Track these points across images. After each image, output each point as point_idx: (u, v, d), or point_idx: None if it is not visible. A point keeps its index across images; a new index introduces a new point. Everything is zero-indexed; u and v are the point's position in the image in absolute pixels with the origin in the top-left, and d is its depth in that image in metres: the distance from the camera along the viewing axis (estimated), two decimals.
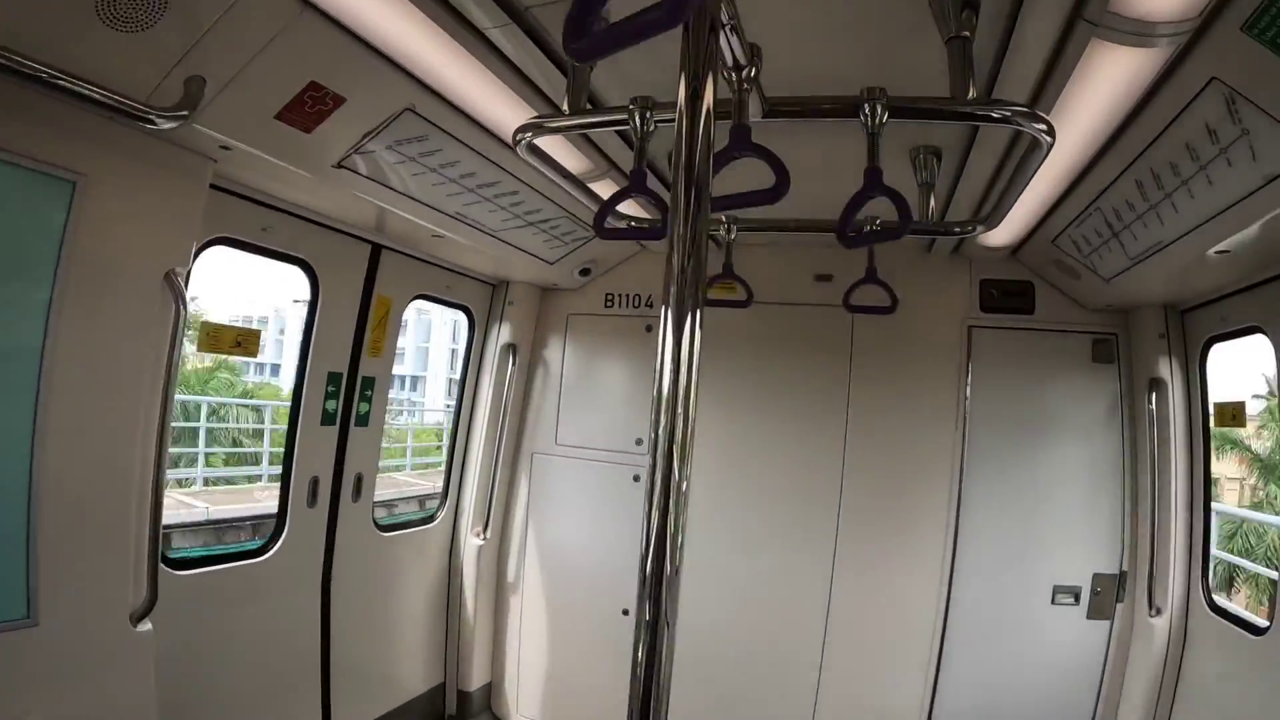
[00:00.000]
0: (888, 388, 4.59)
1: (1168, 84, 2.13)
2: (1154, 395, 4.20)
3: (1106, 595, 4.32)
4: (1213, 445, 4.35)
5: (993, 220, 3.10)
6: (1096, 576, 4.31)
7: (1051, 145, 1.94)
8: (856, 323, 4.53)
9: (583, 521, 4.85)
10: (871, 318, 4.12)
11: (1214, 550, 4.42)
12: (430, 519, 4.93)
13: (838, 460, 4.57)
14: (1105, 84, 2.08)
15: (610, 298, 4.90)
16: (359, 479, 3.92)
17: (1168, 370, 4.31)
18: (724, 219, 3.49)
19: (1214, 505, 4.44)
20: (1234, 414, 4.26)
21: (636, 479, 4.65)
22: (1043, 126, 1.86)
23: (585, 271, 4.83)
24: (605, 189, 2.96)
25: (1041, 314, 4.56)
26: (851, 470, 4.56)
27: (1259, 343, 3.57)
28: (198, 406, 15.49)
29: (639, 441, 4.62)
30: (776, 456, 4.63)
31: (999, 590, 4.38)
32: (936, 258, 4.57)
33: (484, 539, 4.87)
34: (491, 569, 4.97)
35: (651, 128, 1.93)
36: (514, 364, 4.85)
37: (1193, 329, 4.19)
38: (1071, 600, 4.37)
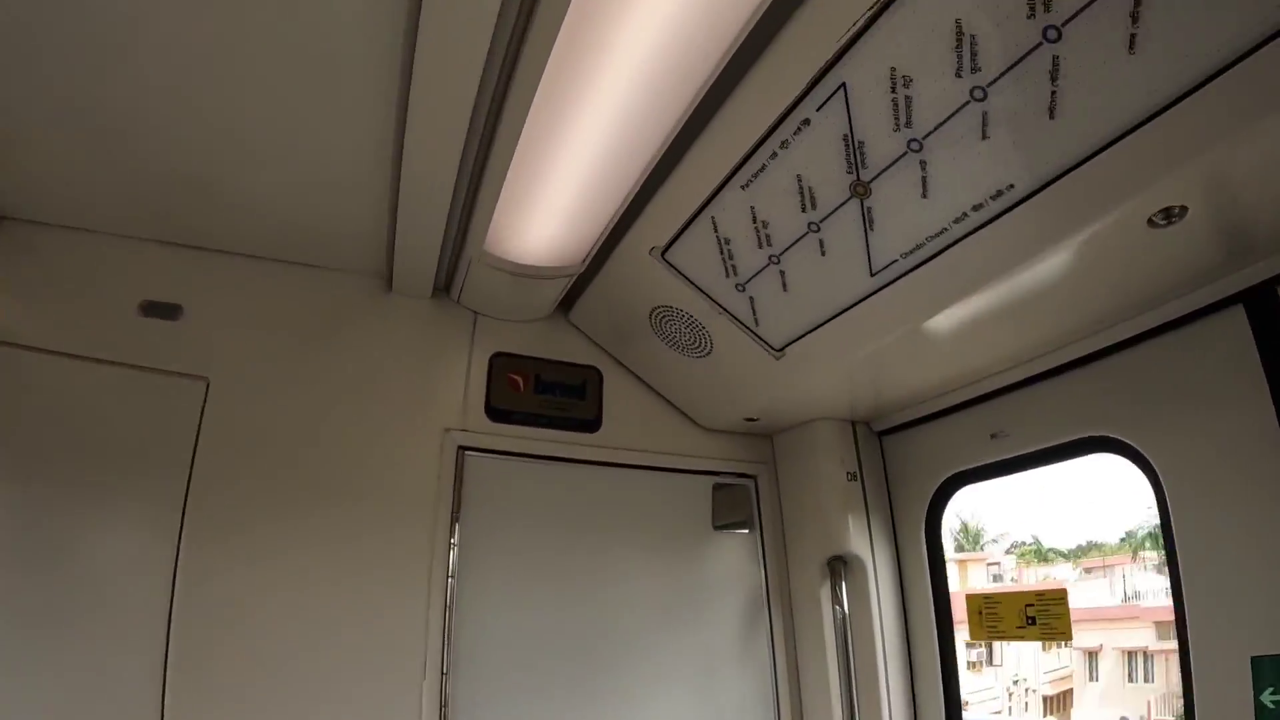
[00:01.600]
0: (263, 568, 2.03)
1: None
2: (840, 585, 2.45)
3: None
4: None
5: None
6: None
7: None
8: (210, 431, 2.05)
9: None
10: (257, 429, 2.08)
11: None
12: None
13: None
14: None
15: None
16: None
17: (865, 540, 2.47)
18: None
19: None
20: (1045, 600, 1.99)
21: None
22: None
23: None
24: None
25: (611, 432, 2.54)
26: None
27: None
28: None
29: None
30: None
31: None
32: (402, 300, 2.41)
33: None
34: None
35: None
36: None
37: (913, 459, 2.52)
38: None
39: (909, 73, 1.35)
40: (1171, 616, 1.68)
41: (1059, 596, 2.04)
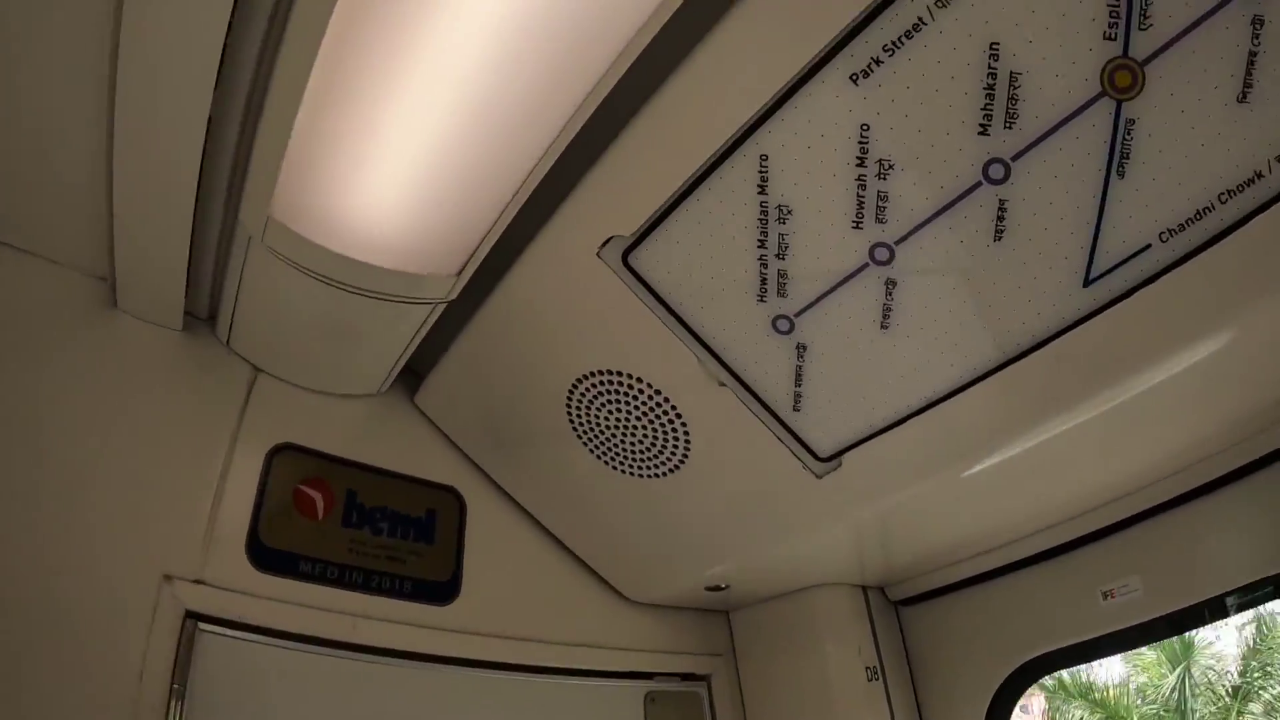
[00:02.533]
0: None
1: None
2: None
3: None
4: None
5: None
6: None
7: None
8: None
9: None
10: None
11: None
12: None
13: None
14: None
15: None
16: None
17: None
18: None
19: None
20: None
21: None
22: None
23: None
24: None
25: (475, 605, 1.47)
26: None
27: None
28: None
29: None
30: None
31: None
32: (131, 326, 1.31)
33: None
34: None
35: None
36: None
37: (957, 643, 1.60)
38: None
39: None
40: None
41: None
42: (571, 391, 1.18)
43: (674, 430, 1.17)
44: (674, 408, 1.14)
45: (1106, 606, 1.39)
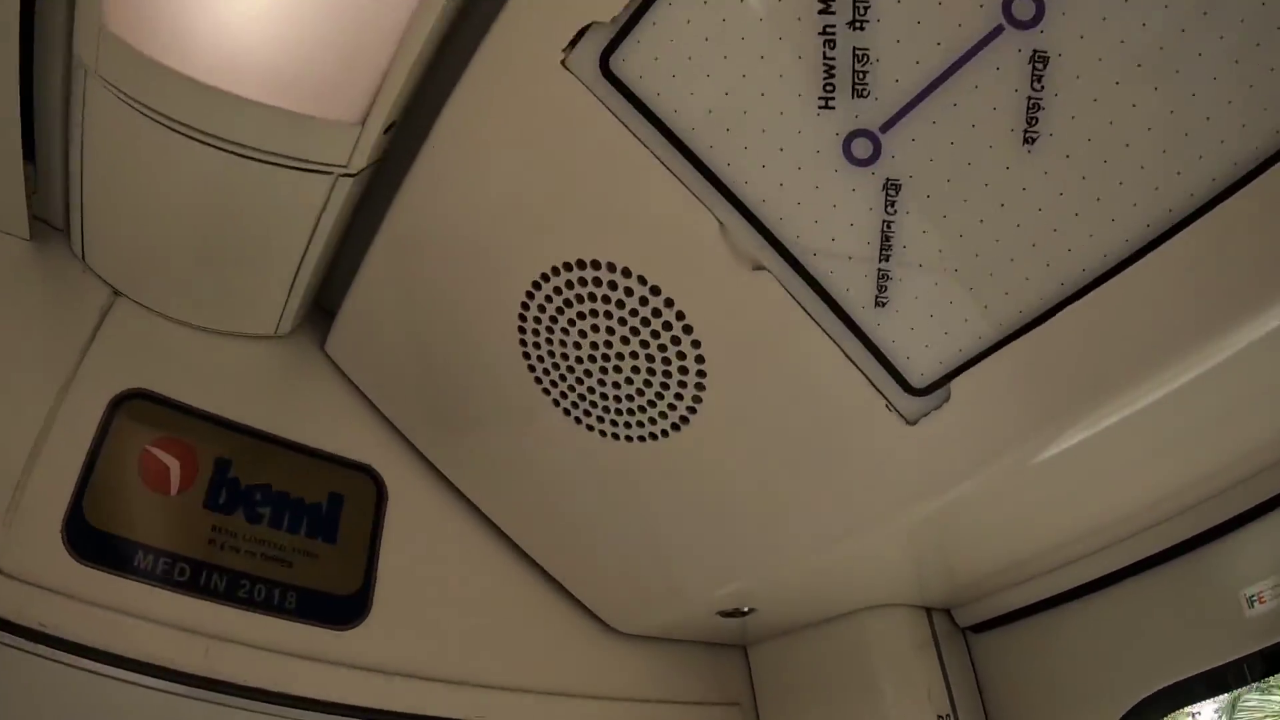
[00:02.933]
0: None
1: None
2: None
3: None
4: None
5: None
6: None
7: None
8: None
9: None
10: None
11: None
12: None
13: None
14: None
15: None
16: None
17: None
18: None
19: None
20: None
21: None
22: None
23: None
24: None
25: (392, 630, 1.16)
26: None
27: None
28: None
29: None
30: None
31: None
32: None
33: None
34: None
35: None
36: None
37: (1047, 675, 1.21)
38: None
39: None
40: None
41: None
42: (527, 304, 0.82)
43: (679, 355, 0.81)
44: (679, 316, 0.78)
45: (1254, 615, 1.06)
